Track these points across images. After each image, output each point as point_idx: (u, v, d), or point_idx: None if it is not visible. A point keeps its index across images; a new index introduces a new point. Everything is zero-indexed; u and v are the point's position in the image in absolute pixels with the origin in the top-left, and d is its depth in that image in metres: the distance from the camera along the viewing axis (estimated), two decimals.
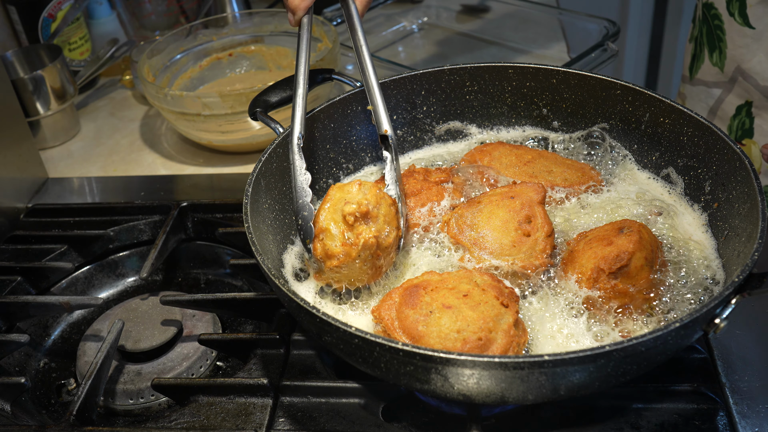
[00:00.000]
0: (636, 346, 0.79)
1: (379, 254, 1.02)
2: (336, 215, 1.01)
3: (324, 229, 1.01)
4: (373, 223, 1.01)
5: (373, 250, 1.01)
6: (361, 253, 1.00)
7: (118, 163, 1.75)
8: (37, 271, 1.35)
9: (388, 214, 1.03)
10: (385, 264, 1.06)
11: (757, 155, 1.58)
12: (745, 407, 1.00)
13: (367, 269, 1.03)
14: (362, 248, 0.99)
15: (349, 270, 1.02)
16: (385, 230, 1.02)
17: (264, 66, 1.93)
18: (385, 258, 1.05)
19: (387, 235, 1.02)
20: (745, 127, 1.59)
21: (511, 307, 0.95)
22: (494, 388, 0.83)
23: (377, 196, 1.03)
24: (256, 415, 1.05)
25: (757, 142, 1.58)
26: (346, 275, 1.03)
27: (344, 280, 1.05)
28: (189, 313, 1.26)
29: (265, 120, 1.21)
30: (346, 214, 1.00)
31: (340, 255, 1.00)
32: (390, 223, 1.03)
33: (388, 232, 1.02)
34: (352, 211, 1.00)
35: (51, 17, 1.92)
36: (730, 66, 1.57)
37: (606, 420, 1.01)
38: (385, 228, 1.02)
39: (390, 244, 1.03)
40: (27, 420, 1.12)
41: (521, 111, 1.35)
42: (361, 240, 0.99)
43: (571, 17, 2.03)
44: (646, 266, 0.99)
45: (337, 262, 1.00)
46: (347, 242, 1.00)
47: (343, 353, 0.92)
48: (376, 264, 1.03)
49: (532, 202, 1.10)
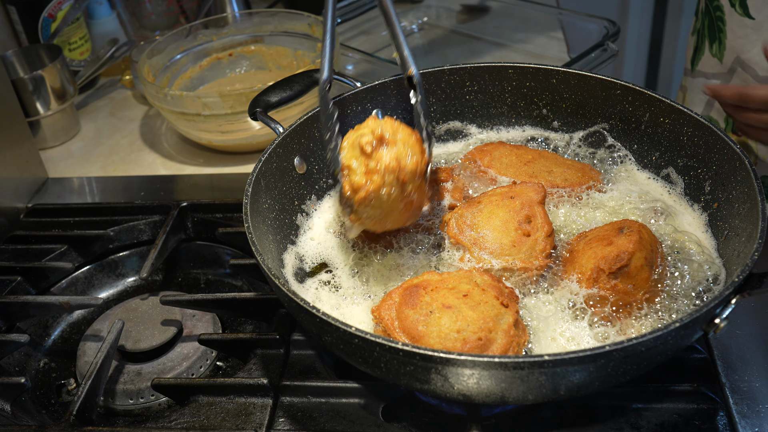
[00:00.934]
0: (636, 346, 0.80)
1: (404, 179, 1.00)
2: (355, 151, 1.01)
3: (346, 166, 1.01)
4: (392, 147, 1.00)
5: (396, 174, 0.99)
6: (385, 177, 0.98)
7: (118, 163, 1.75)
8: (37, 271, 1.35)
9: (408, 140, 1.02)
10: (415, 193, 1.02)
11: (753, 146, 1.58)
12: (745, 407, 1.01)
13: (398, 200, 1.01)
14: (385, 172, 0.98)
15: (380, 202, 1.00)
16: (406, 154, 1.00)
17: (264, 66, 1.94)
18: (413, 185, 1.01)
19: (410, 159, 1.00)
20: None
21: (511, 307, 0.95)
22: (494, 388, 0.83)
23: (393, 123, 1.02)
24: (256, 415, 1.05)
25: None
26: (379, 210, 1.01)
27: (380, 218, 1.03)
28: (189, 313, 1.26)
29: (265, 120, 1.21)
30: (363, 144, 1.00)
31: (366, 183, 0.99)
32: (412, 148, 1.01)
33: (411, 156, 1.01)
34: (369, 140, 1.00)
35: (51, 17, 1.92)
36: (729, 57, 1.58)
37: (606, 420, 1.01)
38: (407, 152, 1.00)
39: (414, 169, 1.00)
40: (27, 420, 1.12)
41: (521, 111, 1.35)
42: (382, 164, 0.98)
43: (571, 17, 2.03)
44: (646, 266, 0.99)
45: (365, 193, 0.99)
46: (369, 170, 0.99)
47: (343, 353, 0.92)
48: (406, 192, 1.01)
49: (532, 202, 1.10)
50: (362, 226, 1.07)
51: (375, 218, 1.03)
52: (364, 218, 1.04)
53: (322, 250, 1.17)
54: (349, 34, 2.14)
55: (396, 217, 1.04)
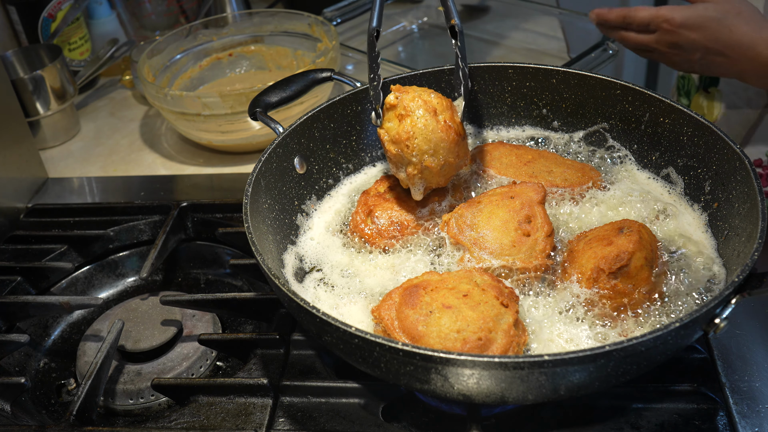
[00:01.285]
0: (636, 346, 0.80)
1: (434, 108, 1.07)
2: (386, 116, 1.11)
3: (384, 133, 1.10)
4: (411, 92, 1.09)
5: (422, 106, 1.07)
6: (415, 112, 1.06)
7: (118, 163, 1.75)
8: (37, 271, 1.35)
9: (422, 89, 1.11)
10: (451, 122, 1.08)
11: (719, 102, 1.65)
12: (745, 407, 1.01)
13: (437, 130, 1.07)
14: (414, 108, 1.07)
15: (423, 136, 1.06)
16: (426, 93, 1.09)
17: (264, 66, 1.94)
18: (445, 115, 1.08)
19: (432, 95, 1.09)
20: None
21: (511, 306, 0.95)
22: (494, 388, 0.83)
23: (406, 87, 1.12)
24: (256, 415, 1.05)
25: (721, 90, 1.64)
26: (428, 145, 1.07)
27: (434, 155, 1.07)
28: (189, 313, 1.26)
29: (265, 120, 1.21)
30: (388, 102, 1.09)
31: (402, 127, 1.06)
32: (428, 92, 1.10)
33: (430, 93, 1.10)
34: (392, 96, 1.09)
35: (51, 17, 1.92)
36: None
37: (606, 420, 1.01)
38: (425, 93, 1.09)
39: (438, 101, 1.09)
40: (27, 420, 1.12)
41: (521, 111, 1.35)
42: (408, 104, 1.07)
43: (571, 17, 2.04)
44: (646, 266, 0.99)
45: (405, 134, 1.06)
46: (400, 116, 1.07)
47: (343, 353, 0.92)
48: (440, 120, 1.07)
49: (532, 202, 1.10)
50: (423, 179, 1.11)
51: (431, 158, 1.08)
52: (421, 165, 1.08)
53: (322, 250, 1.17)
54: (349, 34, 2.14)
55: (448, 148, 1.09)
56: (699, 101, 1.68)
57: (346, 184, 1.30)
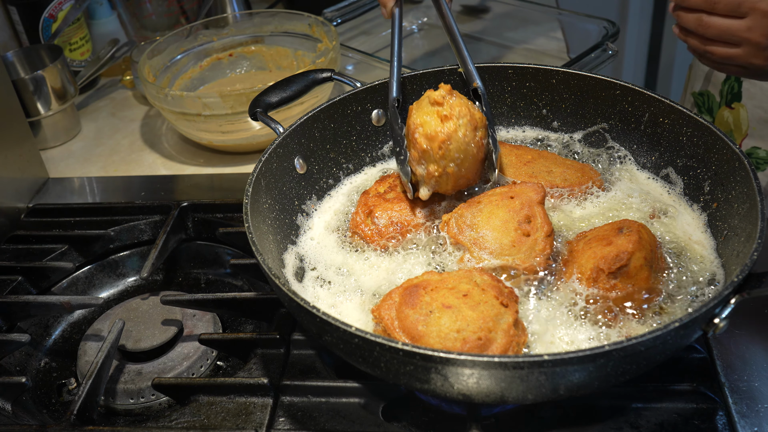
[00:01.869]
0: (635, 346, 0.80)
1: (476, 124, 1.09)
2: (425, 109, 1.10)
3: (419, 124, 1.09)
4: (459, 98, 1.10)
5: (468, 117, 1.08)
6: (459, 120, 1.07)
7: (118, 163, 1.75)
8: (38, 271, 1.35)
9: (468, 101, 1.11)
10: (483, 140, 1.11)
11: (745, 117, 1.59)
12: (744, 407, 1.01)
13: (472, 145, 1.08)
14: (459, 115, 1.07)
15: (458, 144, 1.07)
16: (473, 104, 1.11)
17: (264, 66, 1.94)
18: (481, 133, 1.10)
19: (476, 110, 1.11)
20: (734, 91, 1.60)
21: (511, 306, 0.95)
22: (494, 388, 0.83)
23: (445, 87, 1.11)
24: (256, 415, 1.05)
25: (745, 105, 1.60)
26: (458, 154, 1.08)
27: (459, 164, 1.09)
28: (189, 313, 1.26)
29: (266, 120, 1.21)
30: (435, 97, 1.09)
31: (444, 127, 1.06)
32: (473, 106, 1.11)
33: (476, 109, 1.11)
34: (441, 93, 1.09)
35: (52, 18, 1.93)
36: None
37: (606, 420, 1.01)
38: (471, 105, 1.10)
39: (482, 116, 1.11)
40: (28, 419, 1.12)
41: (521, 111, 1.35)
42: (456, 109, 1.07)
43: (571, 17, 2.04)
44: (646, 266, 0.99)
45: (444, 136, 1.06)
46: (443, 116, 1.07)
47: (343, 353, 0.92)
48: (477, 137, 1.09)
49: (532, 202, 1.10)
50: (438, 182, 1.12)
51: (455, 167, 1.09)
52: (443, 170, 1.09)
53: (322, 250, 1.17)
54: (349, 34, 2.14)
55: (472, 165, 1.11)
56: (724, 117, 1.65)
57: (346, 184, 1.30)
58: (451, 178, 1.11)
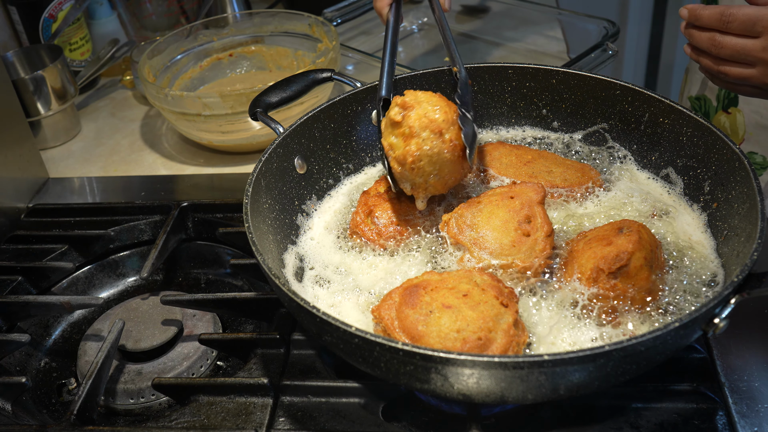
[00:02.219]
0: (635, 346, 0.80)
1: (440, 129, 1.04)
2: (388, 130, 1.09)
3: (387, 148, 1.08)
4: (416, 108, 1.05)
5: (429, 127, 1.04)
6: (422, 134, 1.04)
7: (118, 163, 1.75)
8: (38, 271, 1.35)
9: (431, 98, 1.07)
10: (456, 140, 1.06)
11: (741, 122, 1.59)
12: (744, 407, 1.01)
13: (444, 151, 1.05)
14: (419, 129, 1.04)
15: (429, 159, 1.05)
16: (432, 108, 1.05)
17: (264, 66, 1.94)
18: (451, 133, 1.05)
19: (438, 112, 1.05)
20: (731, 95, 1.60)
21: (511, 306, 0.95)
22: (494, 388, 0.83)
23: (412, 92, 1.08)
24: (256, 415, 1.05)
25: (741, 110, 1.59)
26: (433, 167, 1.06)
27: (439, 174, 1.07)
28: (189, 313, 1.26)
29: (266, 120, 1.21)
30: (393, 117, 1.06)
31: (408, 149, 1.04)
32: (436, 103, 1.06)
33: (437, 108, 1.05)
34: (396, 111, 1.06)
35: (52, 18, 1.93)
36: None
37: (606, 419, 1.01)
38: (432, 107, 1.05)
39: (444, 118, 1.05)
40: (28, 419, 1.12)
41: (521, 111, 1.35)
42: (414, 124, 1.04)
43: (571, 17, 2.04)
44: (646, 266, 0.99)
45: (411, 158, 1.04)
46: (405, 136, 1.05)
47: (343, 353, 0.92)
48: (446, 140, 1.04)
49: (532, 202, 1.10)
50: (428, 193, 1.11)
51: (435, 177, 1.07)
52: (426, 183, 1.08)
53: (322, 250, 1.17)
54: (349, 34, 2.14)
55: (452, 168, 1.08)
56: (720, 122, 1.65)
57: (346, 184, 1.30)
58: (438, 185, 1.10)
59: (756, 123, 1.57)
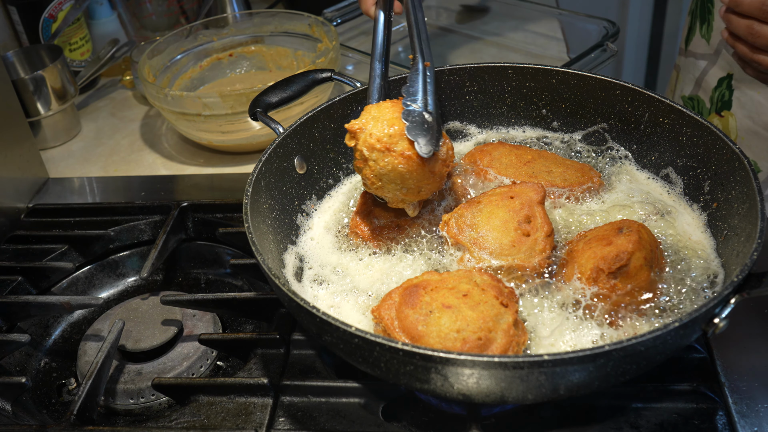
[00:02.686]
0: (635, 346, 0.80)
1: (387, 146, 1.01)
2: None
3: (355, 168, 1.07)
4: (365, 129, 1.03)
5: (376, 147, 1.01)
6: (371, 155, 1.02)
7: (118, 163, 1.75)
8: (38, 271, 1.35)
9: (379, 113, 1.04)
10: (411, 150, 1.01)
11: (733, 126, 1.59)
12: (744, 407, 1.01)
13: (399, 164, 1.01)
14: (368, 152, 1.02)
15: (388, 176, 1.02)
16: (379, 124, 1.02)
17: (264, 66, 1.94)
18: (402, 145, 1.01)
19: (382, 127, 1.02)
20: (725, 98, 1.60)
21: (511, 306, 0.95)
22: (494, 388, 0.83)
23: (366, 110, 1.06)
24: (256, 415, 1.05)
25: (734, 114, 1.59)
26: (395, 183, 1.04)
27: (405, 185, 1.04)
28: (189, 313, 1.26)
29: (265, 120, 1.21)
30: (348, 143, 1.06)
31: (365, 174, 1.04)
32: (380, 117, 1.03)
33: (383, 123, 1.02)
34: (347, 138, 1.05)
35: (52, 18, 1.93)
36: (715, 38, 1.59)
37: (606, 419, 1.01)
38: (378, 122, 1.02)
39: (389, 132, 1.01)
40: (28, 419, 1.12)
41: (521, 111, 1.35)
42: (363, 148, 1.02)
43: (571, 17, 2.04)
44: (646, 266, 0.99)
45: (369, 182, 1.04)
46: (361, 160, 1.04)
47: (343, 353, 0.92)
48: (399, 152, 1.01)
49: (532, 202, 1.10)
50: (405, 203, 1.10)
51: (404, 189, 1.05)
52: (399, 196, 1.07)
53: (322, 250, 1.17)
54: (349, 34, 2.14)
55: (417, 175, 1.03)
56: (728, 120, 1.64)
57: (346, 184, 1.31)
58: (412, 195, 1.07)
59: (748, 128, 1.57)
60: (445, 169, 1.07)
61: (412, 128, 1.02)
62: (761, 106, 1.52)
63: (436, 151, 1.02)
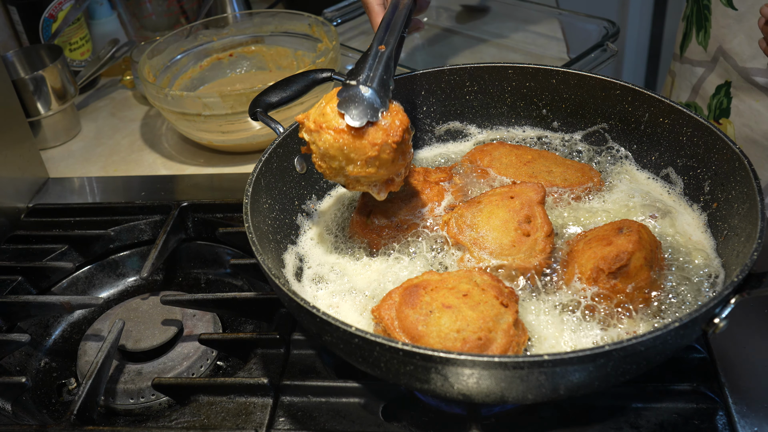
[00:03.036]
0: (635, 346, 0.80)
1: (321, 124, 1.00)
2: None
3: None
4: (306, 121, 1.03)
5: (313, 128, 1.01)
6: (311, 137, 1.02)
7: (118, 163, 1.75)
8: (38, 271, 1.35)
9: (320, 103, 1.03)
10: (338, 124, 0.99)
11: (732, 135, 1.59)
12: (744, 407, 1.01)
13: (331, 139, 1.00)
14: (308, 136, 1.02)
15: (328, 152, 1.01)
16: (315, 112, 1.03)
17: (264, 66, 1.94)
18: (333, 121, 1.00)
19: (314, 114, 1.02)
20: (723, 106, 1.60)
21: (511, 306, 0.95)
22: (494, 388, 0.83)
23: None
24: (256, 415, 1.05)
25: (732, 122, 1.59)
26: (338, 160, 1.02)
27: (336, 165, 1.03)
28: (189, 313, 1.26)
29: (266, 120, 1.21)
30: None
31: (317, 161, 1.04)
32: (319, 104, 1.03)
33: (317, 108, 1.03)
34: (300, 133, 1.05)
35: (52, 17, 1.93)
36: (713, 46, 1.59)
37: (605, 419, 1.01)
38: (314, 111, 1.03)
39: (319, 113, 1.01)
40: (28, 419, 1.12)
41: (521, 111, 1.35)
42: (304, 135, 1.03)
43: (571, 17, 2.04)
44: (646, 266, 0.99)
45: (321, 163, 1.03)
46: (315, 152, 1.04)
47: (343, 353, 0.92)
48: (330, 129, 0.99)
49: (532, 202, 1.10)
50: (365, 184, 1.06)
51: (352, 167, 1.02)
52: (353, 178, 1.04)
53: (322, 250, 1.17)
54: (349, 34, 2.14)
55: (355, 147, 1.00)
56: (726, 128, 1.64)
57: None
58: (362, 167, 1.02)
59: (746, 136, 1.57)
60: (390, 138, 1.00)
61: (342, 102, 1.00)
62: (760, 115, 1.52)
63: (374, 121, 0.99)
